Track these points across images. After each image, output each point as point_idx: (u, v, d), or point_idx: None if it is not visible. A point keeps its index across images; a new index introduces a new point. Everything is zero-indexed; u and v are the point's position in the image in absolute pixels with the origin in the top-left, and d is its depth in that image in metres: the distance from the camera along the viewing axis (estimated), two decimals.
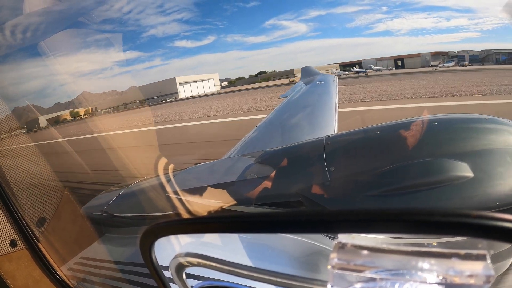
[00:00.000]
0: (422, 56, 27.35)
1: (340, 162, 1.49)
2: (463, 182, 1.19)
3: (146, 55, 50.84)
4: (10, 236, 1.45)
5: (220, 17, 50.22)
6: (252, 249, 0.98)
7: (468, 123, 1.47)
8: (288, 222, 0.44)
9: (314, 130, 2.87)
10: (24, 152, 1.62)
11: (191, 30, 49.94)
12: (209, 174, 2.16)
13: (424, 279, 0.41)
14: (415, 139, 1.39)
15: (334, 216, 0.42)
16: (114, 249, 1.94)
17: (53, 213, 1.63)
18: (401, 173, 1.31)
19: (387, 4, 40.52)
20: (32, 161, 1.65)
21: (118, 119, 20.46)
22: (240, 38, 50.37)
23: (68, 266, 1.66)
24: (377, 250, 0.43)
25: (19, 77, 4.88)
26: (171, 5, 48.12)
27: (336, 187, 1.41)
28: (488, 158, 1.25)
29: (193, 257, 0.71)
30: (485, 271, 0.38)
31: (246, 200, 1.58)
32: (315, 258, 0.97)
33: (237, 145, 2.87)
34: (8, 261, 1.44)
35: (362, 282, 0.44)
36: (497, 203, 1.14)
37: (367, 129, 1.66)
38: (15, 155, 1.58)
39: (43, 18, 2.32)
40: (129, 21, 45.90)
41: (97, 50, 29.52)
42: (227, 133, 10.50)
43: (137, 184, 2.38)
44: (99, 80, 33.88)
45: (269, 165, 1.70)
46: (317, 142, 1.67)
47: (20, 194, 1.53)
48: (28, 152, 1.65)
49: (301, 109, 3.73)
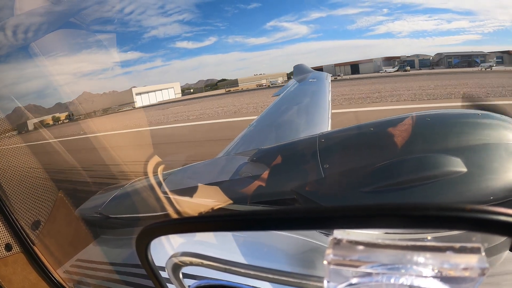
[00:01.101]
0: (375, 61, 28.02)
1: (334, 159, 1.49)
2: (457, 177, 1.20)
3: (147, 55, 50.69)
4: (5, 240, 1.44)
5: (221, 18, 50.08)
6: (248, 247, 0.98)
7: (461, 118, 1.48)
8: (283, 219, 0.44)
9: (307, 127, 2.88)
10: (16, 154, 1.61)
11: (192, 31, 49.80)
12: (203, 173, 2.15)
13: (420, 273, 0.41)
14: (409, 135, 1.40)
15: (329, 212, 0.42)
16: (110, 250, 1.93)
17: (48, 216, 1.62)
18: (395, 169, 1.32)
19: (388, 6, 40.65)
20: (25, 163, 1.63)
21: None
22: (241, 40, 50.29)
23: (64, 269, 1.65)
24: (372, 245, 0.43)
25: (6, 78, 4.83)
26: (172, 6, 47.95)
27: (330, 184, 1.42)
28: (481, 153, 1.26)
29: (189, 257, 0.71)
30: (480, 264, 0.38)
31: (241, 199, 1.58)
32: (311, 255, 0.97)
33: (231, 143, 2.87)
34: (4, 265, 1.43)
35: (358, 277, 0.44)
36: (491, 197, 1.15)
37: (360, 126, 1.67)
38: (8, 158, 1.56)
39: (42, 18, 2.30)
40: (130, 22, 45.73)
41: (95, 51, 29.92)
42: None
43: (132, 185, 2.37)
44: (100, 80, 34.11)
45: (263, 163, 1.70)
46: (311, 140, 1.67)
47: (14, 197, 1.51)
48: (21, 155, 1.63)
49: (294, 107, 3.73)
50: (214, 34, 51.41)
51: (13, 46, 2.95)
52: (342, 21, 43.64)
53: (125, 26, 44.15)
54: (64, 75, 8.42)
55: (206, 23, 49.80)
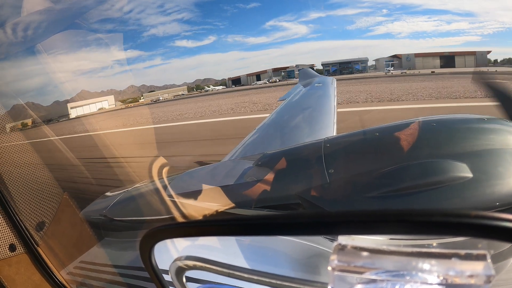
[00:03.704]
0: (268, 72, 31.18)
1: (339, 164, 1.49)
2: (463, 183, 1.19)
3: (146, 54, 50.97)
4: (9, 240, 1.45)
5: (220, 17, 50.33)
6: (252, 252, 0.98)
7: (467, 124, 1.47)
8: (288, 224, 0.44)
9: (313, 132, 2.87)
10: (22, 155, 1.62)
11: (191, 30, 50.03)
12: (208, 177, 2.15)
13: (425, 280, 0.41)
14: (414, 140, 1.39)
15: (334, 217, 0.42)
16: (114, 253, 1.93)
17: (52, 217, 1.63)
18: (400, 174, 1.31)
19: (387, 7, 40.70)
20: (31, 165, 1.64)
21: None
22: (241, 39, 50.43)
23: (67, 270, 1.66)
24: (377, 252, 0.43)
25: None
26: (171, 5, 48.25)
27: (336, 189, 1.41)
28: (487, 158, 1.25)
29: (193, 260, 0.71)
30: (486, 271, 0.38)
31: (246, 203, 1.58)
32: (315, 260, 0.97)
33: (237, 147, 2.87)
34: (7, 265, 1.43)
35: (363, 283, 0.44)
36: (497, 203, 1.13)
37: (366, 131, 1.66)
38: (14, 159, 1.58)
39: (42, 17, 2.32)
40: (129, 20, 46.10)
41: (95, 49, 31.06)
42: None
43: (136, 188, 2.38)
44: (99, 79, 35.22)
45: (268, 168, 1.69)
46: (316, 144, 1.67)
47: (19, 198, 1.52)
48: (27, 156, 1.64)
49: (300, 111, 3.73)
50: (213, 33, 51.63)
51: (11, 45, 2.97)
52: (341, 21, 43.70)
53: (124, 24, 44.51)
54: (62, 73, 8.48)
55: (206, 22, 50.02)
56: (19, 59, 4.87)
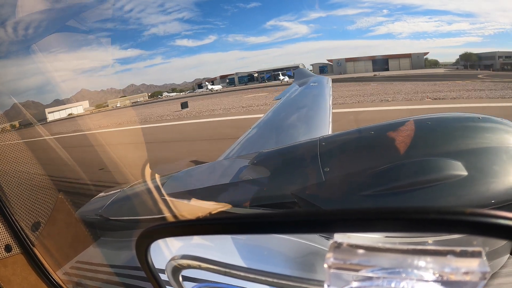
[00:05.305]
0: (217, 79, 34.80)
1: (334, 163, 1.49)
2: (458, 181, 1.20)
3: (147, 53, 50.94)
4: (5, 241, 1.44)
5: (221, 17, 50.40)
6: (248, 250, 0.97)
7: (462, 122, 1.48)
8: (284, 222, 0.44)
9: (308, 131, 2.87)
10: (17, 156, 1.61)
11: (192, 29, 50.13)
12: (204, 176, 2.15)
13: (421, 277, 0.41)
14: (409, 139, 1.39)
15: (329, 216, 0.42)
16: (110, 252, 1.92)
17: (48, 217, 1.62)
18: (396, 173, 1.32)
19: (387, 7, 40.88)
20: (26, 165, 1.63)
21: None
22: (241, 38, 50.52)
23: (63, 271, 1.65)
24: (372, 249, 0.43)
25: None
26: (172, 5, 48.25)
27: (331, 187, 1.41)
28: (482, 156, 1.26)
29: (189, 259, 0.71)
30: (481, 268, 0.38)
31: (241, 202, 1.57)
32: (311, 258, 0.97)
33: (232, 146, 2.87)
34: (3, 266, 1.42)
35: (359, 281, 0.44)
36: (492, 201, 1.14)
37: (361, 130, 1.67)
38: (8, 160, 1.56)
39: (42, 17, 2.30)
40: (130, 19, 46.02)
41: (95, 49, 32.01)
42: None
43: (132, 188, 2.37)
44: (100, 78, 36.67)
45: (264, 167, 1.69)
46: (312, 143, 1.67)
47: (14, 198, 1.51)
48: (22, 156, 1.63)
49: (296, 110, 3.74)
50: (214, 32, 51.71)
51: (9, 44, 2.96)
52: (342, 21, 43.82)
53: (125, 24, 44.49)
54: (62, 72, 8.52)
55: (206, 21, 50.14)
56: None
